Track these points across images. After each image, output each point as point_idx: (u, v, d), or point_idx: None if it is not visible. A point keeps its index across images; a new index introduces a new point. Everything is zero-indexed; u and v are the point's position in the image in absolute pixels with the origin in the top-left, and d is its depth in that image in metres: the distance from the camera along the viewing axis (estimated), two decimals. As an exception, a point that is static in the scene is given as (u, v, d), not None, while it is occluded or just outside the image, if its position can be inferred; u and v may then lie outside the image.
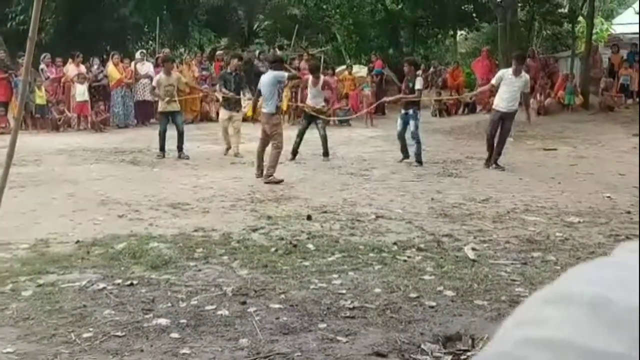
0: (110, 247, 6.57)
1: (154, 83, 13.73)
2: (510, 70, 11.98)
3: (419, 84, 12.39)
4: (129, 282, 5.40)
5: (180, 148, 13.26)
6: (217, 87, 14.31)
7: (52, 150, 14.14)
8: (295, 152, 12.89)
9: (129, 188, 10.02)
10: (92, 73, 19.30)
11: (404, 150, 12.57)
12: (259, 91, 11.12)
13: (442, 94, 22.67)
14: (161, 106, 13.39)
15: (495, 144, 11.93)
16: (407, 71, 12.88)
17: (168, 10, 25.43)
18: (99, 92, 19.28)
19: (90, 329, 4.41)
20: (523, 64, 12.33)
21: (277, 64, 11.64)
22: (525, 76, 11.99)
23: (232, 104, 13.60)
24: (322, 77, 13.74)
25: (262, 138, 11.01)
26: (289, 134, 12.98)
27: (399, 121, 12.56)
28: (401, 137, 12.52)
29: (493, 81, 12.24)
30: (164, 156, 13.13)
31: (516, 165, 12.27)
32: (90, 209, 8.49)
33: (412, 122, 12.26)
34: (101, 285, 5.32)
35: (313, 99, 13.35)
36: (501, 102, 11.91)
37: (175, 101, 13.41)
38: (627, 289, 0.50)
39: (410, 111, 12.33)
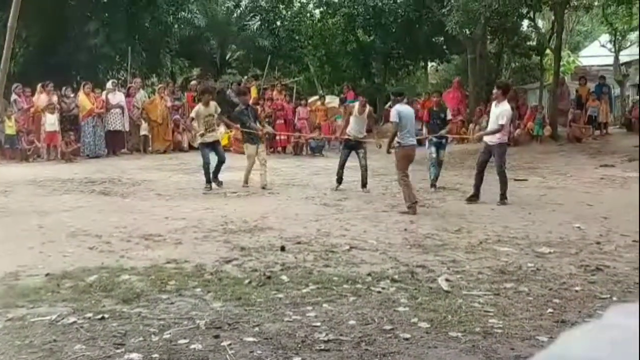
0: (81, 279, 6.47)
1: (192, 115, 13.63)
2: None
3: (449, 114, 13.64)
4: (100, 316, 5.32)
5: (216, 175, 13.27)
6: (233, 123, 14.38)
7: (22, 181, 13.97)
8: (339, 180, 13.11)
9: (100, 219, 9.92)
10: (65, 103, 19.17)
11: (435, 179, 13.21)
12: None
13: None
14: (202, 138, 13.30)
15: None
16: (436, 102, 14.07)
17: (139, 39, 25.43)
18: (70, 121, 19.14)
19: (61, 365, 4.33)
20: (504, 93, 11.74)
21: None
22: (502, 106, 11.46)
23: (257, 138, 13.58)
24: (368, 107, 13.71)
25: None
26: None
27: (432, 148, 13.21)
28: (434, 163, 13.21)
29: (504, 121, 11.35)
30: (211, 188, 13.05)
31: (488, 195, 12.36)
32: (60, 241, 8.38)
33: (441, 151, 13.32)
34: (71, 319, 5.23)
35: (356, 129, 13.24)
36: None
37: (214, 131, 13.74)
38: (622, 354, 0.51)
39: (443, 140, 13.38)
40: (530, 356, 2.78)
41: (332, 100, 24.56)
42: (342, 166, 12.99)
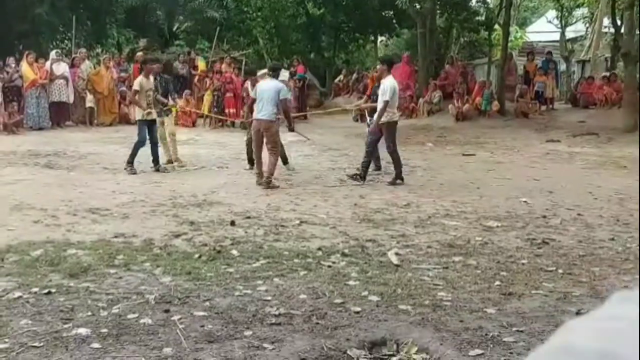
0: (26, 254, 6.33)
1: (136, 87, 12.14)
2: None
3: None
4: (46, 291, 5.21)
5: (157, 160, 12.12)
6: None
7: (-38, 153, 13.58)
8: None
9: (45, 192, 9.70)
10: (7, 73, 18.60)
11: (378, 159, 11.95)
12: (254, 99, 10.82)
13: (364, 99, 22.87)
14: (142, 114, 11.94)
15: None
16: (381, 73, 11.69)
17: (84, 9, 24.80)
18: (12, 92, 18.60)
19: (6, 340, 4.23)
20: (389, 69, 11.21)
21: (276, 72, 11.45)
22: (387, 81, 10.95)
23: (162, 110, 12.58)
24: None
25: (257, 141, 10.68)
26: (211, 137, 12.88)
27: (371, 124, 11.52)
28: (375, 145, 11.45)
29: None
30: (134, 170, 11.76)
31: (436, 170, 12.49)
32: (3, 215, 8.17)
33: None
34: (17, 294, 5.12)
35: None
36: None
37: (154, 107, 12.24)
38: (630, 343, 0.50)
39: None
40: (480, 329, 2.80)
41: (282, 74, 24.39)
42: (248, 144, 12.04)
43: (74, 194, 9.60)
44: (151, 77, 12.36)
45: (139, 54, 23.97)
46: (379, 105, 10.92)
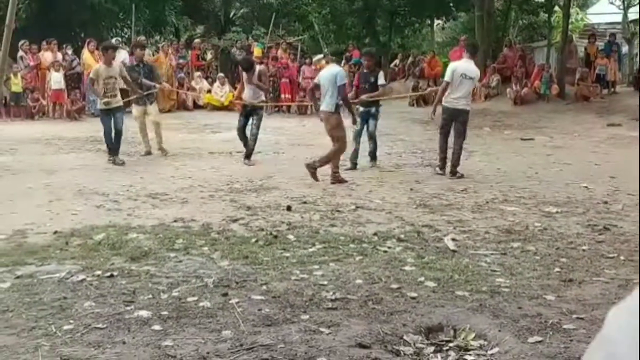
0: (89, 237, 6.50)
1: (92, 75, 11.63)
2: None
3: (382, 79, 11.36)
4: (109, 274, 5.35)
5: (116, 150, 11.46)
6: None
7: (28, 139, 13.98)
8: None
9: (106, 178, 9.94)
10: (66, 60, 19.05)
11: (355, 156, 11.05)
12: (317, 85, 10.10)
13: (420, 83, 22.70)
14: (102, 102, 11.51)
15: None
16: (367, 65, 11.64)
17: (143, -4, 25.17)
18: (74, 79, 19.05)
19: (71, 321, 4.36)
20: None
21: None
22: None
23: (144, 98, 11.97)
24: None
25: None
26: (267, 123, 12.93)
27: (358, 120, 10.83)
28: (358, 138, 11.11)
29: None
30: (115, 161, 11.30)
31: (494, 154, 12.34)
32: (67, 199, 8.41)
33: (372, 122, 11.13)
34: (81, 277, 5.26)
35: None
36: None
37: (116, 95, 11.51)
38: None
39: (372, 109, 11.17)
40: (539, 316, 2.77)
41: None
42: (240, 130, 11.67)
43: (134, 179, 9.81)
44: (115, 64, 11.66)
45: (197, 40, 24.28)
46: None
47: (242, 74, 11.57)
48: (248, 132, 11.59)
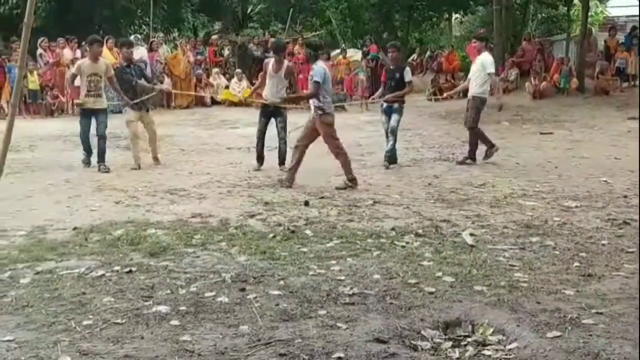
0: (108, 233, 6.54)
1: (73, 70, 10.90)
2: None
3: (408, 75, 10.82)
4: (127, 269, 5.38)
5: (101, 157, 10.47)
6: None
7: (47, 136, 14.09)
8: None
9: (125, 174, 10.00)
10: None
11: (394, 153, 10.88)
12: (317, 83, 9.04)
13: (438, 78, 22.61)
14: (81, 101, 10.76)
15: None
16: (392, 57, 11.04)
17: (161, -7, 25.29)
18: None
19: (90, 317, 4.39)
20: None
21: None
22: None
23: (141, 102, 10.87)
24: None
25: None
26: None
27: (383, 116, 10.89)
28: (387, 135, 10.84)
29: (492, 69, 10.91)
30: (89, 161, 10.69)
31: (512, 149, 12.26)
32: (86, 195, 8.47)
33: (394, 117, 10.69)
34: (100, 272, 5.30)
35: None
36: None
37: (101, 96, 10.64)
38: None
39: (396, 104, 10.72)
40: (557, 311, 2.76)
41: (355, 54, 24.32)
42: (260, 132, 10.63)
43: (152, 175, 9.86)
44: (101, 61, 10.71)
45: (214, 37, 24.34)
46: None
47: (266, 66, 10.59)
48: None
